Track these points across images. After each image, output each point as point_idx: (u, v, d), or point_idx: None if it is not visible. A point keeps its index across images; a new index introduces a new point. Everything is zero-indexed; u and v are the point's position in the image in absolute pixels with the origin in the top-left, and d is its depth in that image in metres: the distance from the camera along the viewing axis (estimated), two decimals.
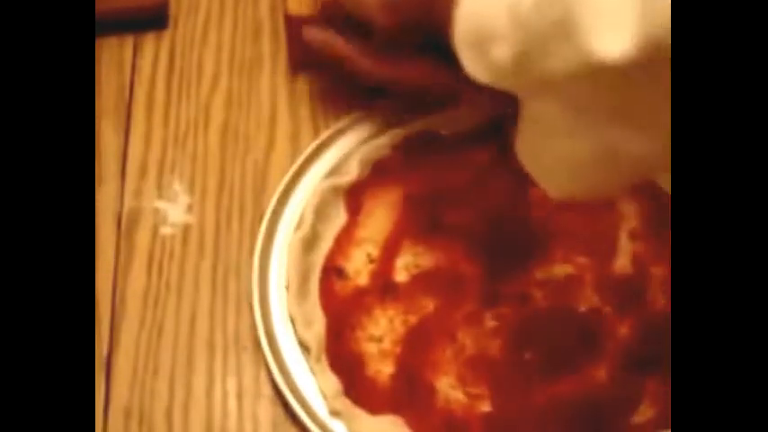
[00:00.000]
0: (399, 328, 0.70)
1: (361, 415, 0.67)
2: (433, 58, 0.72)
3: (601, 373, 0.69)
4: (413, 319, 0.71)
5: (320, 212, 0.74)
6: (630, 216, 0.75)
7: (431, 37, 0.69)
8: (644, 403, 0.68)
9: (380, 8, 0.72)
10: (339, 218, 0.75)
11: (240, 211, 0.78)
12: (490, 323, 0.70)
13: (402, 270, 0.73)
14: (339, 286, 0.72)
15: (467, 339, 0.70)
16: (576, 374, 0.69)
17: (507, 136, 0.65)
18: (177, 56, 0.86)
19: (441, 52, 0.66)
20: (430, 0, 0.67)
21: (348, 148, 0.79)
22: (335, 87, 0.84)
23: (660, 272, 0.72)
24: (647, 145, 0.55)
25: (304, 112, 0.83)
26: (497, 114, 0.77)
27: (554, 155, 0.60)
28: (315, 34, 0.77)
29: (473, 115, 0.79)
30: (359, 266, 0.73)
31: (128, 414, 0.69)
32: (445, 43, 0.63)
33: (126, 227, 0.77)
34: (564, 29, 0.52)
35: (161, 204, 0.78)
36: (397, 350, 0.69)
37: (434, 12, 0.66)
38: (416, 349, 0.69)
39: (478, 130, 0.79)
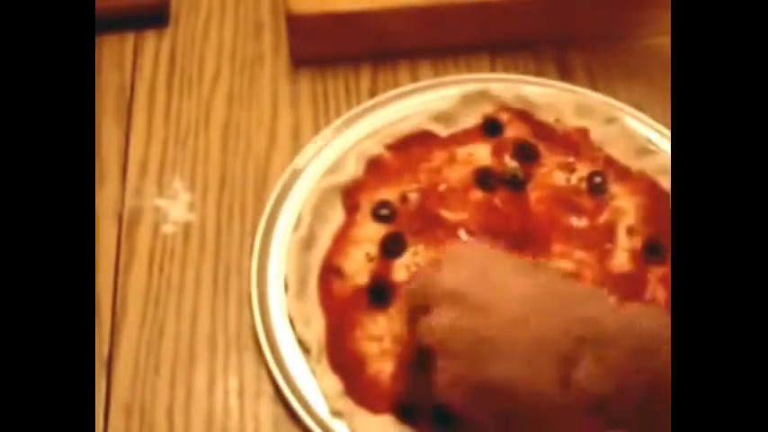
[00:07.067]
0: (399, 327, 0.70)
1: (362, 414, 0.67)
2: None
3: None
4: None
5: (318, 212, 0.74)
6: (629, 212, 0.74)
7: None
8: None
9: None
10: (337, 217, 0.75)
11: (241, 209, 0.78)
12: None
13: (401, 269, 0.72)
14: (338, 286, 0.72)
15: None
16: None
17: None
18: (178, 54, 0.87)
19: None
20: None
21: (347, 146, 0.79)
22: (336, 85, 0.84)
23: (659, 268, 0.72)
24: None
25: (305, 109, 0.83)
26: None
27: None
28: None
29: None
30: (358, 266, 0.72)
31: (129, 412, 0.69)
32: None
33: (127, 225, 0.77)
34: None
35: (162, 203, 0.78)
36: (398, 349, 0.69)
37: None
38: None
39: (476, 128, 0.79)
